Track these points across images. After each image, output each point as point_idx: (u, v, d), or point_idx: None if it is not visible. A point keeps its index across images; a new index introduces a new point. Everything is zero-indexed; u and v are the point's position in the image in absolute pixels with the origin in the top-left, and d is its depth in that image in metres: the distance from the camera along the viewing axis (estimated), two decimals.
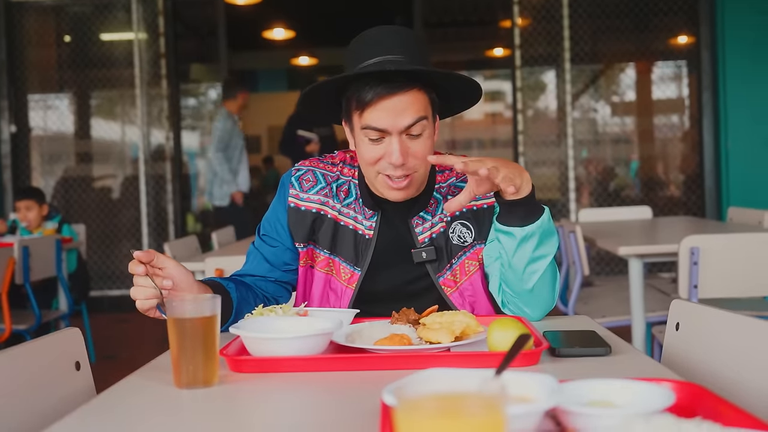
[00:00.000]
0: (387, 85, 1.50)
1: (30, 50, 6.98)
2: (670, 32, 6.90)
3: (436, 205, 1.70)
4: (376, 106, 1.52)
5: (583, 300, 3.71)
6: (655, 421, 0.71)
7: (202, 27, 7.93)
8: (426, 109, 1.56)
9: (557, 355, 1.27)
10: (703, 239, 2.74)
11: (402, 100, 1.51)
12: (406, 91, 1.52)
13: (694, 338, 1.38)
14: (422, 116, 1.54)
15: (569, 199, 6.75)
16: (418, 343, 1.33)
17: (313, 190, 1.70)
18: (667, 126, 7.03)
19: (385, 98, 1.51)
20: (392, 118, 1.52)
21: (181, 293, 1.45)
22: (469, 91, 1.64)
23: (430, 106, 1.58)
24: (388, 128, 1.52)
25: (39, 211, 4.93)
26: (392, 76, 1.51)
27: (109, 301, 6.83)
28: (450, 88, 1.62)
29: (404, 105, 1.52)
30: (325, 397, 1.12)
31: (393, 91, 1.51)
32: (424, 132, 1.56)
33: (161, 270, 1.45)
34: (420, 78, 1.54)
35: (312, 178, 1.71)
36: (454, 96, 1.66)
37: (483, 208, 1.69)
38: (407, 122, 1.52)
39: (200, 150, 8.01)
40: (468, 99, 1.69)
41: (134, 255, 1.40)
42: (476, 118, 9.08)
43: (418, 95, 1.54)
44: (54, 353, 1.34)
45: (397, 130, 1.53)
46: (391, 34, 1.57)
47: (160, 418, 1.05)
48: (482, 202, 1.69)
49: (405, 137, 1.54)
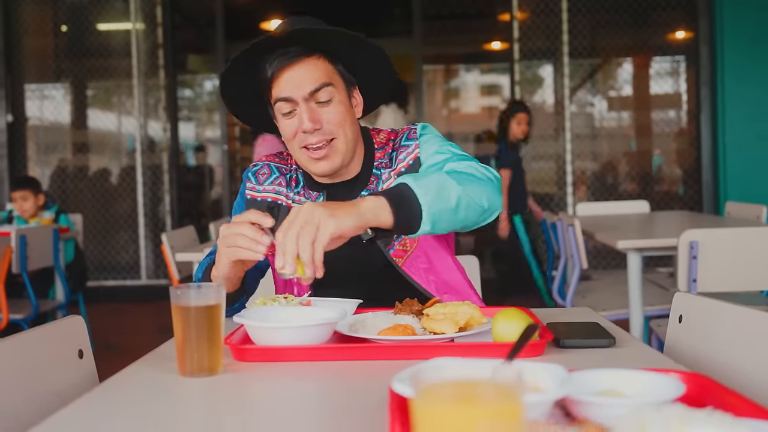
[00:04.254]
0: (283, 58, 1.59)
1: (27, 39, 6.95)
2: (669, 27, 6.90)
3: (376, 182, 1.72)
4: (279, 79, 1.60)
5: (581, 293, 3.72)
6: (666, 411, 0.71)
7: (200, 17, 7.90)
8: (331, 76, 1.62)
9: (562, 346, 1.27)
10: (703, 233, 2.74)
11: (301, 68, 1.59)
12: (302, 60, 1.59)
13: (698, 330, 1.38)
14: (326, 82, 1.60)
15: (566, 192, 6.76)
16: (422, 333, 1.33)
17: (267, 182, 1.77)
18: (664, 121, 7.03)
19: (284, 70, 1.59)
20: (294, 86, 1.59)
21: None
22: (373, 58, 1.67)
23: (337, 74, 1.64)
24: (292, 95, 1.59)
25: (35, 201, 4.92)
26: (288, 50, 1.58)
27: (106, 291, 6.82)
28: (351, 57, 1.67)
29: (304, 73, 1.59)
30: (329, 386, 1.12)
31: (289, 62, 1.59)
32: (334, 98, 1.62)
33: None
34: (318, 48, 1.61)
35: (267, 171, 1.79)
36: (358, 65, 1.69)
37: (410, 165, 1.69)
38: (310, 88, 1.59)
39: (196, 141, 7.98)
40: (374, 68, 1.71)
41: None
42: (473, 111, 9.07)
43: (318, 63, 1.61)
44: (57, 341, 1.34)
45: (301, 96, 1.59)
46: (291, 20, 1.64)
47: (165, 405, 1.05)
48: (407, 160, 1.69)
49: (314, 105, 1.61)
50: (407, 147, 1.71)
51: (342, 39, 1.62)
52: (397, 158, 1.72)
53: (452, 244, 1.83)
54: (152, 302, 6.31)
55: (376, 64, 1.71)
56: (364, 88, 1.74)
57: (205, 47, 8.00)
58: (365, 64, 1.70)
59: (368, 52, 1.67)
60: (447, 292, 1.69)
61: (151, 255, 6.91)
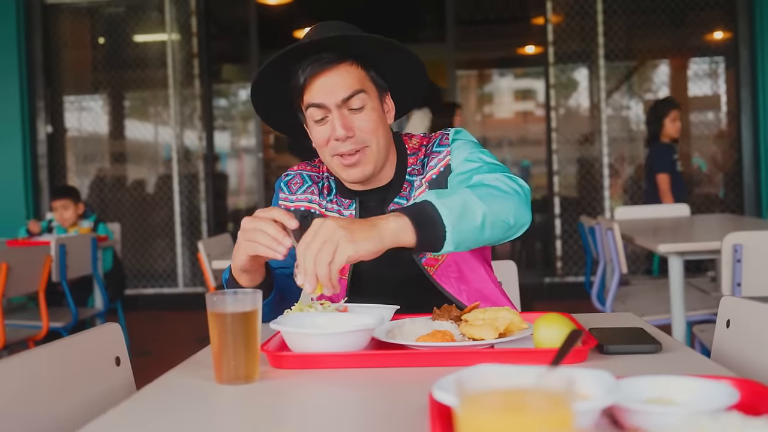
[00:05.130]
0: (316, 65, 1.57)
1: (66, 52, 7.07)
2: (707, 27, 6.78)
3: (409, 189, 1.70)
4: (312, 85, 1.58)
5: (621, 299, 3.65)
6: (722, 419, 0.68)
7: (234, 27, 7.96)
8: (363, 83, 1.61)
9: (605, 353, 1.23)
10: (747, 236, 2.67)
11: (334, 74, 1.58)
12: (336, 66, 1.58)
13: (747, 335, 1.34)
14: (358, 89, 1.59)
15: (603, 197, 6.67)
16: (461, 339, 1.30)
17: (300, 191, 1.76)
18: (703, 123, 6.91)
19: (318, 76, 1.57)
20: (327, 93, 1.57)
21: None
22: (406, 63, 1.66)
23: (369, 81, 1.63)
24: (325, 102, 1.58)
25: (75, 210, 4.99)
26: (321, 56, 1.57)
27: (144, 299, 6.89)
28: (384, 63, 1.65)
29: (337, 79, 1.58)
30: (368, 393, 1.10)
31: (323, 68, 1.57)
32: (366, 105, 1.60)
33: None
34: (351, 54, 1.60)
35: (299, 181, 1.78)
36: (390, 71, 1.66)
37: (441, 172, 1.67)
38: (343, 95, 1.58)
39: (232, 150, 8.04)
40: (407, 73, 1.69)
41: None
42: (507, 116, 9.01)
43: (351, 69, 1.60)
44: (94, 348, 1.34)
45: (334, 103, 1.58)
46: (322, 25, 1.64)
47: (202, 413, 1.04)
48: (438, 167, 1.67)
49: (346, 111, 1.59)
50: (438, 153, 1.69)
51: (375, 45, 1.61)
52: (428, 164, 1.70)
53: (487, 253, 1.80)
54: (189, 310, 6.36)
55: (408, 70, 1.70)
56: (396, 94, 1.72)
57: (239, 56, 8.07)
58: (398, 70, 1.68)
59: (401, 57, 1.65)
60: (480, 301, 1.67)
61: (188, 263, 6.96)
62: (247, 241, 1.39)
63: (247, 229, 1.38)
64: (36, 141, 6.83)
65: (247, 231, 1.38)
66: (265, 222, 1.36)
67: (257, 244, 1.37)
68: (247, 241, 1.39)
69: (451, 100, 6.33)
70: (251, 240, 1.37)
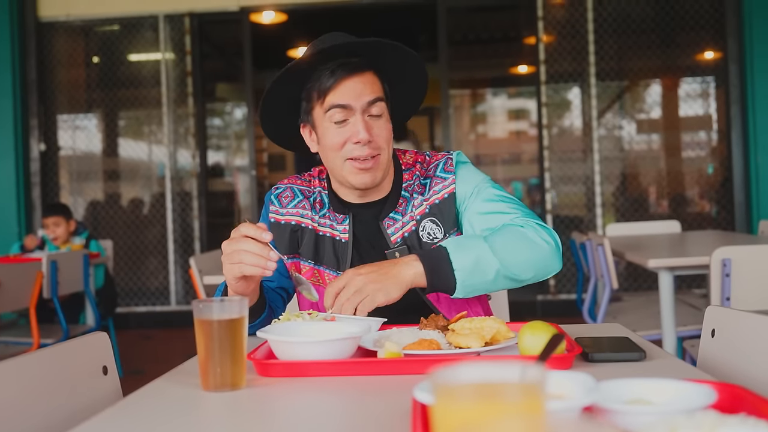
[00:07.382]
0: (345, 68, 1.61)
1: (59, 71, 7.09)
2: (697, 47, 6.84)
3: (405, 204, 1.72)
4: (339, 87, 1.61)
5: (612, 314, 3.66)
6: (697, 416, 0.69)
7: (228, 46, 8.01)
8: (382, 92, 1.66)
9: (590, 360, 1.24)
10: (735, 250, 2.69)
11: (361, 80, 1.62)
12: (363, 72, 1.62)
13: (731, 344, 1.34)
14: (380, 97, 1.64)
15: (596, 215, 6.69)
16: (448, 348, 1.31)
17: (291, 204, 1.76)
18: (694, 141, 6.95)
19: (346, 79, 1.60)
20: (355, 95, 1.61)
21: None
22: (413, 87, 1.74)
23: (383, 92, 1.67)
24: (352, 103, 1.61)
25: (66, 227, 4.98)
26: (350, 60, 1.61)
27: (136, 317, 6.86)
28: (394, 79, 1.70)
29: (363, 84, 1.62)
30: (354, 400, 1.11)
31: (352, 72, 1.61)
32: (383, 114, 1.65)
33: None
34: (374, 64, 1.65)
35: (290, 194, 1.78)
36: (396, 89, 1.72)
37: (444, 198, 1.70)
38: (369, 98, 1.62)
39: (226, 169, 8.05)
40: (409, 95, 1.77)
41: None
42: (500, 135, 9.05)
43: (373, 78, 1.64)
44: (82, 357, 1.34)
45: (360, 106, 1.61)
46: (334, 34, 1.67)
47: (188, 421, 1.04)
48: (442, 193, 1.71)
49: (368, 117, 1.62)
50: (443, 180, 1.72)
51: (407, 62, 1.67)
52: (431, 188, 1.72)
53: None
54: (181, 327, 6.33)
55: (412, 92, 1.76)
56: (393, 111, 1.74)
57: (233, 75, 8.10)
58: (403, 91, 1.73)
59: (412, 81, 1.73)
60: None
61: (180, 281, 6.95)
62: (231, 264, 1.40)
63: (228, 252, 1.40)
64: (29, 159, 6.83)
65: (229, 255, 1.40)
66: (245, 241, 1.38)
67: (243, 264, 1.38)
68: (231, 264, 1.40)
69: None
70: (236, 262, 1.39)
